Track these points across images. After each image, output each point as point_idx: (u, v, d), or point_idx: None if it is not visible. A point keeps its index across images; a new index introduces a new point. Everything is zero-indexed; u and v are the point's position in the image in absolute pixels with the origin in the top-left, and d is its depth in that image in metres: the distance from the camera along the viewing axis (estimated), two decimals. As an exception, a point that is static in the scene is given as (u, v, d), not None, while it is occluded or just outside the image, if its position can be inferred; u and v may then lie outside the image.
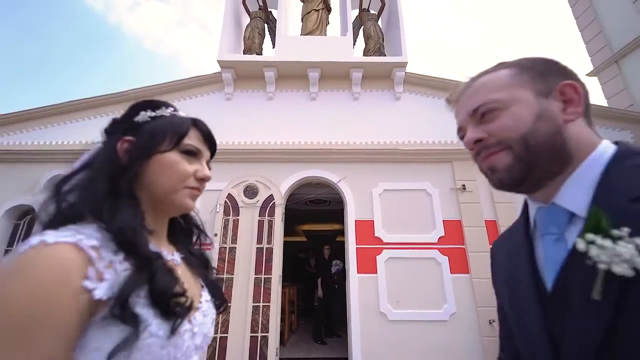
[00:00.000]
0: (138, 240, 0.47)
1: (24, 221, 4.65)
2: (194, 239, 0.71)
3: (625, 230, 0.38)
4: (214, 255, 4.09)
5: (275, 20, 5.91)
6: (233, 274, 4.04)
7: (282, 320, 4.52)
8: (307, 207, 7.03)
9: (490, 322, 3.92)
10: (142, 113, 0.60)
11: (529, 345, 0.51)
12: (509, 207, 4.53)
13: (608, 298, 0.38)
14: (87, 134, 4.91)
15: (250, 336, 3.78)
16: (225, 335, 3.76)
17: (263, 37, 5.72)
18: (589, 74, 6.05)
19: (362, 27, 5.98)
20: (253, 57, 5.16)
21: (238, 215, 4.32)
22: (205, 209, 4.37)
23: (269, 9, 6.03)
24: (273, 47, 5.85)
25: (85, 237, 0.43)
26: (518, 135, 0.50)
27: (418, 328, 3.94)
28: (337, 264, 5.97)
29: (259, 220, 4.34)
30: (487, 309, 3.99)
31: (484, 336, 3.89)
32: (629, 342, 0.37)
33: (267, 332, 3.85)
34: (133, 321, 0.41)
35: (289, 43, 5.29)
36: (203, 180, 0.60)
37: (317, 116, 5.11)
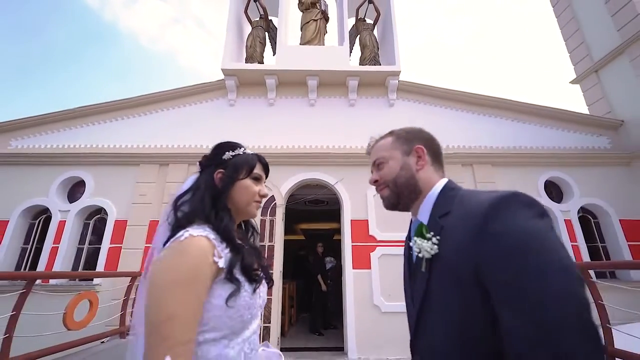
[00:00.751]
0: (233, 236, 0.78)
1: (39, 220, 4.92)
2: (249, 234, 0.99)
3: (431, 234, 0.70)
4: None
5: (276, 28, 6.21)
6: (237, 270, 4.34)
7: (283, 313, 4.84)
8: (306, 207, 7.35)
9: (474, 313, 4.26)
10: (227, 153, 0.88)
11: (405, 296, 0.86)
12: (493, 207, 4.88)
13: (425, 269, 0.71)
14: (96, 138, 5.21)
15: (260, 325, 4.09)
16: (231, 325, 4.07)
17: (264, 45, 6.01)
18: (572, 82, 6.42)
19: (359, 36, 6.29)
20: (255, 66, 5.45)
21: (242, 215, 4.62)
22: (211, 209, 4.68)
23: (270, 17, 6.33)
24: (273, 55, 6.15)
25: (208, 232, 0.74)
26: (391, 179, 0.82)
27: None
28: (331, 260, 6.32)
29: (262, 220, 4.65)
30: (471, 301, 4.33)
31: (469, 326, 4.24)
32: (435, 293, 0.69)
33: (269, 323, 4.17)
34: (236, 282, 0.72)
35: (289, 52, 5.59)
36: (264, 196, 0.91)
37: (316, 121, 5.41)
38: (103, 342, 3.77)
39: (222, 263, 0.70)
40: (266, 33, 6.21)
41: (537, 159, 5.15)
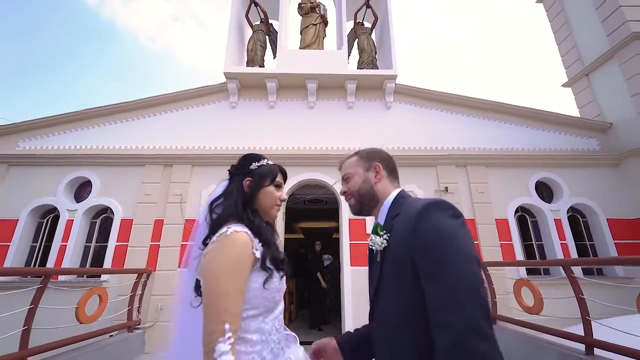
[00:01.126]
0: (264, 232, 0.95)
1: (47, 219, 5.08)
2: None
3: (384, 232, 0.90)
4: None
5: (276, 32, 6.36)
6: (240, 267, 4.52)
7: (283, 309, 5.01)
8: (306, 206, 7.52)
9: (466, 308, 4.46)
10: (254, 163, 1.06)
11: (368, 280, 1.04)
12: (487, 207, 5.08)
13: (379, 259, 0.90)
14: (102, 139, 5.37)
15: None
16: (234, 320, 4.25)
17: (264, 49, 6.17)
18: (564, 85, 6.60)
19: (357, 39, 6.46)
20: (256, 70, 5.62)
21: (244, 214, 4.80)
22: (214, 209, 4.85)
23: (270, 21, 6.49)
24: (274, 58, 6.30)
25: (246, 229, 0.91)
26: (355, 190, 1.04)
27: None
28: (328, 257, 6.52)
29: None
30: (464, 297, 4.53)
31: (461, 320, 4.43)
32: (386, 276, 0.88)
33: None
34: (269, 270, 0.90)
35: (289, 56, 5.75)
36: (283, 201, 1.09)
37: (315, 124, 5.58)
38: (112, 335, 3.95)
39: (258, 254, 0.88)
40: (267, 36, 6.36)
41: (529, 160, 5.34)
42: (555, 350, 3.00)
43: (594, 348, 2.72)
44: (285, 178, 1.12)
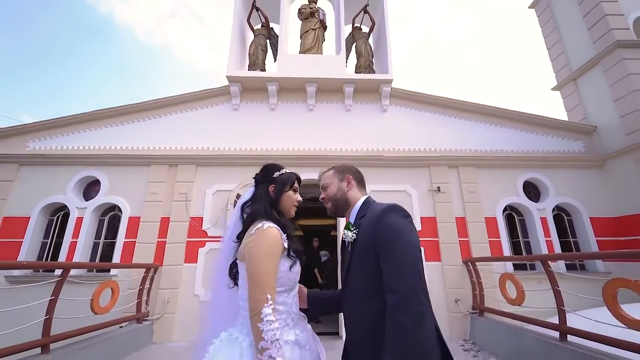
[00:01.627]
0: (289, 228, 1.20)
1: (57, 216, 5.30)
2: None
3: (354, 228, 1.20)
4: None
5: (277, 36, 6.56)
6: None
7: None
8: (305, 205, 7.74)
9: (456, 301, 4.74)
10: (276, 173, 1.31)
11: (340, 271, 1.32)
12: (477, 206, 5.35)
13: (350, 248, 1.19)
14: (110, 140, 5.58)
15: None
16: (237, 312, 4.51)
17: (265, 53, 6.38)
18: (553, 88, 6.87)
19: (355, 43, 6.68)
20: (257, 73, 5.83)
21: (246, 212, 5.04)
22: (219, 208, 5.10)
23: (271, 24, 6.70)
24: (274, 61, 6.52)
25: (276, 225, 1.16)
26: (331, 196, 1.32)
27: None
28: (325, 254, 6.79)
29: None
30: (453, 290, 4.82)
31: (450, 312, 4.71)
32: (354, 262, 1.15)
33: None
34: (293, 257, 1.15)
35: (289, 60, 5.97)
36: (299, 202, 1.34)
37: (314, 125, 5.82)
38: (122, 326, 4.20)
39: (286, 245, 1.14)
40: (267, 40, 6.57)
41: (517, 162, 5.61)
42: (534, 338, 3.28)
43: (567, 335, 3.00)
44: (299, 183, 1.37)
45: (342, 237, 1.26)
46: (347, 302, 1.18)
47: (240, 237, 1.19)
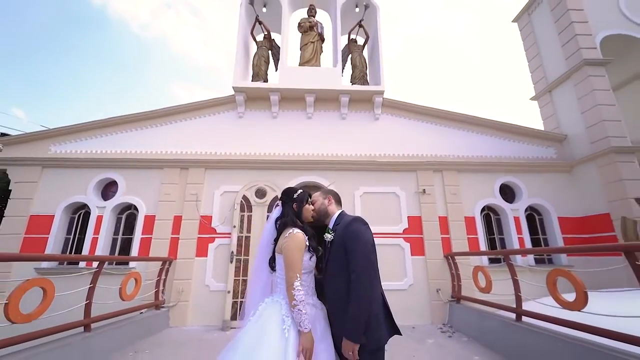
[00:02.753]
0: (309, 232, 1.77)
1: (79, 215, 5.82)
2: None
3: (331, 231, 1.81)
4: (233, 242, 5.40)
5: (278, 47, 7.07)
6: (248, 256, 5.36)
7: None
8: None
9: (437, 291, 5.38)
10: (295, 194, 1.88)
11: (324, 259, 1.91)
12: (458, 206, 5.97)
13: (329, 245, 1.79)
14: (126, 145, 6.09)
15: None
16: (244, 299, 5.10)
17: (268, 64, 6.89)
18: (532, 98, 7.48)
19: (350, 55, 7.20)
20: (261, 84, 6.35)
21: (251, 212, 5.61)
22: (226, 207, 5.66)
23: (273, 34, 7.20)
24: (276, 70, 7.03)
25: (300, 231, 1.74)
26: (317, 209, 1.96)
27: (385, 295, 5.34)
28: (319, 249, 7.38)
29: (267, 216, 5.63)
30: (435, 281, 5.45)
31: (432, 300, 5.35)
32: (332, 257, 1.75)
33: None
34: (312, 251, 1.75)
35: (290, 72, 6.50)
36: (313, 211, 1.91)
37: (312, 132, 6.37)
38: (142, 312, 4.77)
39: (307, 243, 1.71)
40: (269, 51, 7.08)
41: (495, 167, 6.23)
42: (496, 319, 3.92)
43: (522, 316, 3.63)
44: (310, 197, 1.95)
45: (325, 238, 1.83)
46: (328, 280, 1.76)
47: (276, 240, 1.77)
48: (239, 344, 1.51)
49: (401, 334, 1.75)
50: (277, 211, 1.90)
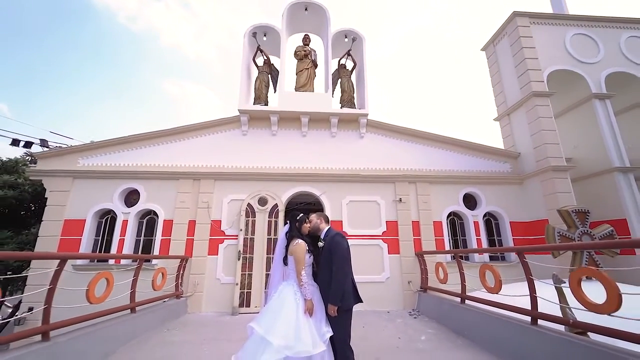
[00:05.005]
0: (307, 241, 2.83)
1: (105, 219, 6.77)
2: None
3: (323, 241, 2.89)
4: (240, 243, 6.44)
5: (277, 71, 8.08)
6: (253, 254, 6.42)
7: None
8: (299, 207, 9.42)
9: (408, 282, 6.55)
10: (297, 216, 2.93)
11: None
12: (428, 212, 7.14)
13: (322, 250, 2.89)
14: (145, 158, 7.05)
15: (264, 291, 6.21)
16: (249, 290, 6.18)
17: (268, 88, 7.91)
18: (495, 119, 8.71)
19: (340, 79, 8.27)
20: (262, 107, 7.38)
21: (255, 217, 6.66)
22: (233, 213, 6.70)
23: (271, 56, 8.20)
24: (274, 92, 8.06)
25: (303, 241, 2.81)
26: (312, 225, 2.98)
27: (367, 286, 6.45)
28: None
29: (268, 221, 6.70)
30: (408, 274, 6.62)
31: (405, 290, 6.52)
32: (323, 258, 2.83)
33: (266, 292, 6.30)
34: (309, 253, 2.79)
35: (288, 96, 7.54)
36: (308, 227, 2.97)
37: (307, 148, 7.44)
38: (165, 301, 5.79)
39: (306, 248, 2.80)
40: (269, 75, 8.09)
41: (460, 179, 7.43)
42: (448, 303, 5.09)
43: (465, 300, 4.81)
44: (308, 218, 3.02)
45: (319, 245, 2.88)
46: (320, 271, 2.82)
47: (286, 247, 2.85)
48: (269, 308, 2.59)
49: (363, 302, 2.85)
50: (286, 227, 2.97)
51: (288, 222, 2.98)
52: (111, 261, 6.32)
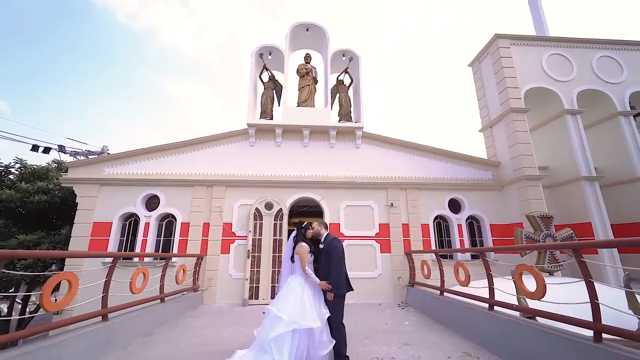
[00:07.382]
0: (309, 243, 3.67)
1: (129, 222, 7.60)
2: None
3: (322, 244, 3.74)
4: (249, 243, 7.28)
5: (281, 86, 8.90)
6: (260, 253, 7.26)
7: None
8: (301, 210, 10.25)
9: (398, 278, 7.40)
10: (302, 224, 3.77)
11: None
12: (417, 216, 7.99)
13: (322, 251, 3.74)
14: (164, 168, 7.87)
15: (271, 285, 7.06)
16: (258, 285, 7.03)
17: (273, 103, 8.73)
18: (479, 130, 9.54)
19: (338, 94, 9.09)
20: (268, 121, 8.21)
21: (262, 220, 7.50)
22: (243, 217, 7.53)
23: (276, 71, 9.01)
24: (278, 105, 8.88)
25: (306, 244, 3.65)
26: (314, 230, 3.83)
27: (361, 281, 7.31)
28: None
29: (274, 223, 7.54)
30: (398, 271, 7.47)
31: (395, 285, 7.37)
32: (323, 258, 3.67)
33: (278, 283, 7.14)
34: (311, 253, 3.64)
35: (291, 111, 8.36)
36: (310, 233, 3.82)
37: (308, 158, 8.27)
38: (184, 294, 6.63)
39: (309, 249, 3.64)
40: (274, 90, 8.91)
41: (446, 185, 8.26)
42: (430, 296, 5.94)
43: (444, 293, 5.65)
44: (311, 225, 3.84)
45: (320, 247, 3.71)
46: (320, 268, 3.64)
47: (293, 248, 3.67)
48: (280, 294, 3.42)
49: (353, 290, 3.67)
50: (294, 233, 3.79)
51: (295, 228, 3.82)
52: (135, 259, 7.16)
